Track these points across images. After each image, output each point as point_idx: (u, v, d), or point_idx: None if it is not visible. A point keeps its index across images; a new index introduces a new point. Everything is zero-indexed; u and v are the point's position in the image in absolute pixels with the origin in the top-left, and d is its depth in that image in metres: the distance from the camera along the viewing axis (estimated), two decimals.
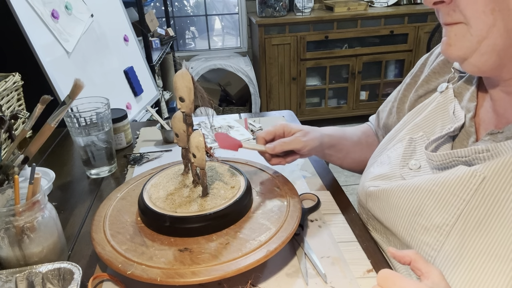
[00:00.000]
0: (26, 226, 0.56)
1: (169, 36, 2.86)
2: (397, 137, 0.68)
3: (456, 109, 0.60)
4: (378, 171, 0.67)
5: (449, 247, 0.51)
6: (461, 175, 0.51)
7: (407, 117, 0.69)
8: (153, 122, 1.18)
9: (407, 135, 0.65)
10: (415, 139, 0.64)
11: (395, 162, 0.64)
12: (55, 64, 1.22)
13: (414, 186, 0.57)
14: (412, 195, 0.57)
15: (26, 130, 0.73)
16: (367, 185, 0.67)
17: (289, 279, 0.57)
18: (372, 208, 0.65)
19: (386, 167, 0.66)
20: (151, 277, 0.52)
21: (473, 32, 0.48)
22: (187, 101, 0.62)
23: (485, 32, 0.48)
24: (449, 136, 0.58)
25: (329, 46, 3.14)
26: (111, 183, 0.87)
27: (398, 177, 0.62)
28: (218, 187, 0.67)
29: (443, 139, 0.58)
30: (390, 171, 0.64)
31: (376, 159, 0.71)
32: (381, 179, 0.65)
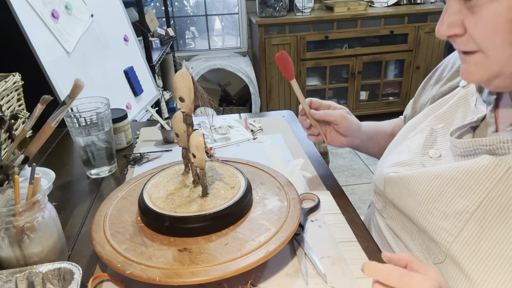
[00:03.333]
0: (26, 226, 0.56)
1: (169, 36, 2.86)
2: (418, 128, 0.69)
3: (478, 102, 0.60)
4: (397, 159, 0.67)
5: (467, 234, 0.51)
6: (486, 164, 0.51)
7: (428, 110, 0.69)
8: (153, 122, 1.18)
9: (428, 126, 0.66)
10: (436, 130, 0.64)
11: (415, 150, 0.65)
12: (55, 64, 1.22)
13: (435, 172, 0.57)
14: (433, 181, 0.57)
15: (26, 130, 0.73)
16: (386, 171, 0.67)
17: (289, 279, 0.57)
18: (389, 194, 0.65)
19: (405, 155, 0.66)
20: (150, 277, 0.52)
21: (493, 61, 0.48)
22: (187, 101, 0.62)
23: (505, 62, 0.47)
24: (470, 127, 0.58)
25: (329, 46, 3.14)
26: (111, 183, 0.87)
27: (418, 165, 0.63)
28: (218, 187, 0.67)
29: (466, 129, 0.59)
30: (410, 158, 0.65)
31: (394, 148, 0.71)
32: (401, 165, 0.65)
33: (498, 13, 0.45)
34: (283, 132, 1.07)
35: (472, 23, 0.47)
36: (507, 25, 0.45)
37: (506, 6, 0.44)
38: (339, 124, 0.77)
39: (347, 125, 0.77)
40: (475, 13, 0.47)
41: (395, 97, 3.37)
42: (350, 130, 0.78)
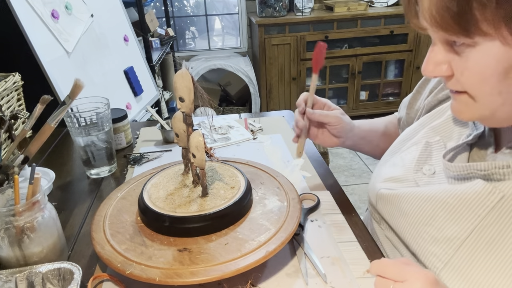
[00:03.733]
0: (26, 226, 0.56)
1: (169, 36, 2.86)
2: (413, 139, 0.66)
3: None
4: (390, 173, 0.65)
5: (458, 261, 0.50)
6: (479, 190, 0.49)
7: (425, 119, 0.67)
8: (153, 122, 1.18)
9: (424, 139, 0.63)
10: (431, 144, 0.62)
11: (409, 165, 0.63)
12: (55, 64, 1.22)
13: (427, 194, 0.55)
14: (424, 203, 0.55)
15: (26, 130, 0.73)
16: (378, 186, 0.66)
17: (289, 279, 0.57)
18: (381, 211, 0.64)
19: (399, 169, 0.64)
20: (150, 277, 0.52)
21: (482, 106, 0.46)
22: (187, 101, 0.62)
23: (494, 108, 0.46)
24: (467, 144, 0.56)
25: (329, 46, 3.13)
26: (111, 183, 0.87)
27: (411, 182, 0.61)
28: (218, 187, 0.67)
29: (461, 148, 0.56)
30: (403, 174, 0.63)
31: (389, 158, 0.69)
32: (394, 181, 0.64)
33: (485, 64, 0.43)
34: (283, 132, 1.07)
35: (459, 69, 0.45)
36: (496, 76, 0.43)
37: (494, 58, 0.42)
38: (333, 125, 0.75)
39: (340, 126, 0.76)
40: (462, 58, 0.44)
41: (395, 97, 3.37)
42: (343, 132, 0.77)
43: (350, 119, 0.79)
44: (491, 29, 0.40)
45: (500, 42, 0.41)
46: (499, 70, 0.42)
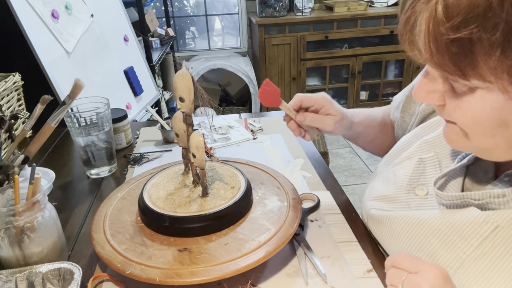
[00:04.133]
0: (26, 226, 0.56)
1: (169, 36, 2.86)
2: (407, 151, 0.64)
3: None
4: (382, 190, 0.64)
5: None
6: (472, 219, 0.48)
7: (419, 130, 0.64)
8: (153, 122, 1.18)
9: (417, 153, 0.61)
10: (425, 160, 0.59)
11: (401, 183, 0.61)
12: (55, 64, 1.22)
13: (419, 220, 0.54)
14: (416, 229, 0.54)
15: (26, 130, 0.73)
16: (369, 205, 0.64)
17: (289, 279, 0.57)
18: (372, 230, 0.64)
19: (391, 187, 0.62)
20: (150, 277, 0.52)
21: (474, 143, 0.45)
22: (187, 101, 0.62)
23: (487, 148, 0.45)
24: (462, 165, 0.53)
25: (329, 46, 3.14)
26: (111, 183, 0.87)
27: (403, 203, 0.59)
28: (218, 187, 0.67)
29: (457, 171, 0.53)
30: (394, 193, 0.61)
31: (383, 170, 0.68)
32: (385, 201, 0.62)
33: (480, 109, 0.40)
34: (283, 132, 1.07)
35: (452, 105, 0.43)
36: (490, 122, 0.40)
37: (491, 106, 0.39)
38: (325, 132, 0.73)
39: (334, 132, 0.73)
40: (456, 94, 0.42)
41: None
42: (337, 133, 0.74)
43: (347, 123, 0.75)
44: (491, 76, 0.37)
45: (499, 91, 0.38)
46: (494, 118, 0.40)
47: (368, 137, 0.81)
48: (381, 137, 0.83)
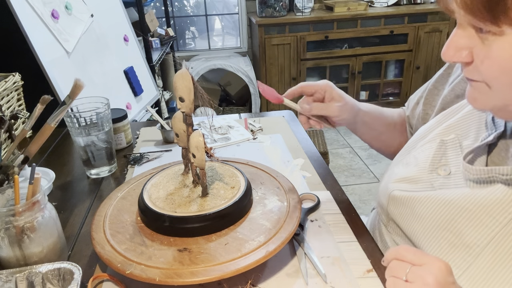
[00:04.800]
0: (26, 226, 0.56)
1: (169, 36, 2.86)
2: (428, 137, 0.64)
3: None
4: (403, 173, 0.63)
5: (477, 269, 0.49)
6: (500, 197, 0.48)
7: (441, 117, 0.65)
8: (153, 122, 1.18)
9: (439, 137, 0.61)
10: (446, 142, 0.60)
11: (423, 164, 0.61)
12: (55, 64, 1.22)
13: (445, 199, 0.54)
14: (442, 208, 0.54)
15: (26, 130, 0.73)
16: (391, 187, 0.63)
17: (289, 279, 0.57)
18: (393, 212, 0.62)
19: (412, 168, 0.62)
20: (150, 277, 0.52)
21: (497, 96, 0.46)
22: (187, 101, 0.62)
23: (509, 99, 0.46)
24: (486, 144, 0.54)
25: (329, 46, 3.14)
26: (111, 183, 0.87)
27: (426, 183, 0.59)
28: (218, 187, 0.67)
29: (481, 149, 0.54)
30: (417, 174, 0.61)
31: (402, 159, 0.67)
32: (407, 182, 0.62)
33: (508, 55, 0.42)
34: (283, 132, 1.07)
35: (480, 57, 0.45)
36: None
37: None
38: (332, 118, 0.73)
39: (341, 118, 0.73)
40: (485, 46, 0.44)
41: (395, 97, 3.37)
42: (344, 121, 0.74)
43: (354, 103, 0.75)
44: None
45: None
46: None
47: (375, 130, 0.81)
48: (388, 134, 0.82)
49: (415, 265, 0.45)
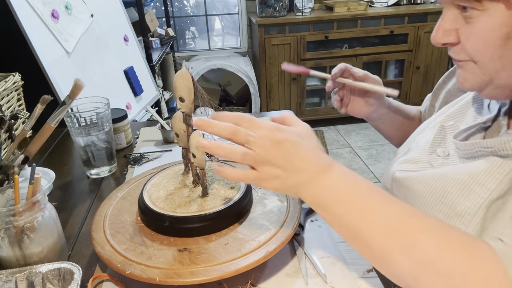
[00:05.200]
0: (26, 226, 0.56)
1: (169, 36, 2.86)
2: (430, 126, 0.68)
3: (492, 102, 0.59)
4: (406, 156, 0.67)
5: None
6: (489, 166, 0.51)
7: (444, 109, 0.69)
8: (153, 122, 1.18)
9: (439, 123, 0.65)
10: (446, 127, 0.64)
11: (423, 147, 0.64)
12: (55, 64, 1.22)
13: (439, 174, 0.57)
14: (436, 182, 0.56)
15: (26, 130, 0.73)
16: (393, 169, 0.66)
17: (289, 279, 0.57)
18: (396, 194, 0.64)
19: (414, 152, 0.66)
20: (150, 277, 0.52)
21: (483, 72, 0.50)
22: (187, 101, 0.62)
23: (494, 73, 0.49)
24: (481, 127, 0.57)
25: (329, 46, 3.14)
26: (111, 183, 0.87)
27: (425, 163, 0.62)
28: (218, 187, 0.67)
29: (475, 130, 0.57)
30: (417, 155, 0.64)
31: (404, 147, 0.70)
32: (409, 162, 0.64)
33: (491, 28, 0.46)
34: None
35: (465, 34, 0.49)
36: (498, 41, 0.46)
37: (499, 22, 0.45)
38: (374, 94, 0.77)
39: (376, 96, 0.78)
40: (469, 24, 0.48)
41: (395, 97, 3.36)
42: (378, 101, 0.79)
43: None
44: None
45: (504, 6, 0.44)
46: (501, 34, 0.45)
47: (397, 120, 0.85)
48: (408, 125, 0.85)
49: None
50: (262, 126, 0.50)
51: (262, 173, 0.49)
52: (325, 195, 0.49)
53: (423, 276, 0.43)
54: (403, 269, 0.44)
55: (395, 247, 0.45)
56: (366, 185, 0.49)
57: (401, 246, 0.44)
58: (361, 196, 0.48)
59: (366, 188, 0.49)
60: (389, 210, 0.47)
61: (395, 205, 0.47)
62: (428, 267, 0.43)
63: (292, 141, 0.49)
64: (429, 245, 0.43)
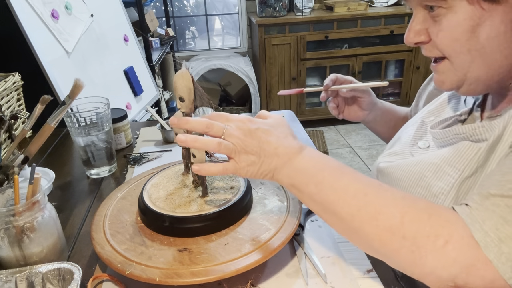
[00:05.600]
0: (26, 226, 0.56)
1: (169, 36, 2.86)
2: (412, 122, 0.73)
3: (468, 98, 0.64)
4: (389, 150, 0.72)
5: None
6: (460, 148, 0.55)
7: (425, 107, 0.73)
8: (153, 122, 1.18)
9: (420, 119, 0.70)
10: (426, 123, 0.68)
11: (405, 141, 0.69)
12: (55, 64, 1.22)
13: (417, 160, 0.61)
14: (413, 167, 0.61)
15: (26, 130, 0.73)
16: (378, 161, 0.71)
17: (289, 279, 0.57)
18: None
19: (397, 146, 0.71)
20: (150, 277, 0.52)
21: (456, 67, 0.53)
22: (187, 101, 0.62)
23: (466, 67, 0.52)
24: (457, 120, 0.61)
25: (329, 46, 3.14)
26: (111, 183, 0.87)
27: (407, 154, 0.67)
28: (218, 187, 0.67)
29: (451, 122, 0.61)
30: (400, 148, 0.69)
31: (392, 143, 0.75)
32: (392, 155, 0.70)
33: (456, 23, 0.49)
34: None
35: (435, 32, 0.52)
36: (465, 34, 0.49)
37: (464, 17, 0.48)
38: (363, 98, 0.83)
39: (369, 99, 0.84)
40: (437, 22, 0.51)
41: (396, 97, 3.37)
42: (370, 104, 0.85)
43: (374, 94, 0.87)
44: None
45: (467, 2, 0.48)
46: (467, 28, 0.49)
47: (390, 121, 0.90)
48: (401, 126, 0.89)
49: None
50: (236, 119, 0.54)
51: (238, 162, 0.53)
52: (298, 176, 0.52)
53: (390, 241, 0.46)
54: (371, 235, 0.48)
55: (364, 217, 0.48)
56: (335, 164, 0.53)
57: (369, 215, 0.48)
58: (331, 175, 0.51)
59: (335, 167, 0.52)
60: (357, 185, 0.50)
61: (362, 180, 0.51)
62: (394, 232, 0.46)
63: (264, 129, 0.53)
64: (394, 212, 0.47)
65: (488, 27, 0.48)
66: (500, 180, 0.45)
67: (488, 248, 0.42)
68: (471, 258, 0.43)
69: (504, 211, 0.43)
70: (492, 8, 0.47)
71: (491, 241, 0.42)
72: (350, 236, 0.51)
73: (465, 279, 0.43)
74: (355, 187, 0.50)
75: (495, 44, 0.49)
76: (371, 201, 0.48)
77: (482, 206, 0.44)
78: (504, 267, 0.41)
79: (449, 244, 0.43)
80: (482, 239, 0.42)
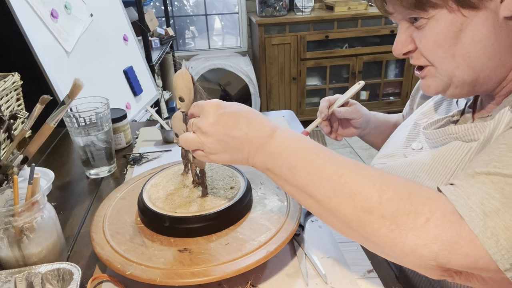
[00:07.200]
0: (25, 227, 0.56)
1: (168, 36, 2.85)
2: (405, 124, 0.74)
3: (460, 99, 0.65)
4: (383, 152, 0.73)
5: None
6: (451, 148, 0.56)
7: (418, 109, 0.75)
8: (153, 122, 1.18)
9: (413, 121, 0.71)
10: (420, 124, 0.68)
11: (399, 143, 0.70)
12: (55, 64, 1.22)
13: (410, 161, 0.62)
14: (407, 168, 0.61)
15: (25, 130, 0.73)
16: (372, 163, 0.72)
17: (289, 280, 0.57)
18: None
19: (391, 148, 0.72)
20: (150, 277, 0.52)
21: (441, 72, 0.54)
22: (187, 101, 0.62)
23: (451, 72, 0.53)
24: (450, 121, 0.62)
25: (329, 45, 3.14)
26: (110, 183, 0.87)
27: (400, 156, 0.67)
28: (218, 187, 0.67)
29: (443, 123, 0.62)
30: (394, 150, 0.70)
31: (386, 145, 0.76)
32: (386, 157, 0.70)
33: (438, 31, 0.51)
34: None
35: (419, 39, 0.54)
36: (448, 41, 0.51)
37: (445, 24, 0.50)
38: (356, 119, 0.85)
39: (362, 119, 0.86)
40: (421, 30, 0.53)
41: (396, 97, 3.37)
42: (363, 123, 0.87)
43: (367, 110, 0.89)
44: (439, 2, 0.49)
45: (447, 10, 0.49)
46: (450, 35, 0.50)
47: (384, 132, 0.91)
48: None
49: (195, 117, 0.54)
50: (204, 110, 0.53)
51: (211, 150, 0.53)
52: (272, 161, 0.51)
53: (368, 221, 0.45)
54: (349, 216, 0.46)
55: (340, 198, 0.47)
56: (309, 145, 0.51)
57: (345, 196, 0.46)
58: (305, 157, 0.50)
59: (309, 149, 0.51)
60: (331, 166, 0.49)
61: (337, 161, 0.49)
62: (372, 212, 0.45)
63: (230, 112, 0.52)
64: (371, 192, 0.45)
65: (471, 32, 0.49)
66: (485, 160, 0.45)
67: (473, 222, 0.41)
68: (454, 235, 0.41)
69: (489, 187, 0.42)
70: (472, 14, 0.48)
71: (476, 215, 0.41)
72: (328, 219, 0.50)
73: (448, 256, 0.41)
74: (329, 169, 0.48)
75: (479, 47, 0.50)
76: (346, 182, 0.47)
77: (468, 184, 0.44)
78: (490, 241, 0.40)
79: (431, 221, 0.42)
80: (467, 214, 0.42)
